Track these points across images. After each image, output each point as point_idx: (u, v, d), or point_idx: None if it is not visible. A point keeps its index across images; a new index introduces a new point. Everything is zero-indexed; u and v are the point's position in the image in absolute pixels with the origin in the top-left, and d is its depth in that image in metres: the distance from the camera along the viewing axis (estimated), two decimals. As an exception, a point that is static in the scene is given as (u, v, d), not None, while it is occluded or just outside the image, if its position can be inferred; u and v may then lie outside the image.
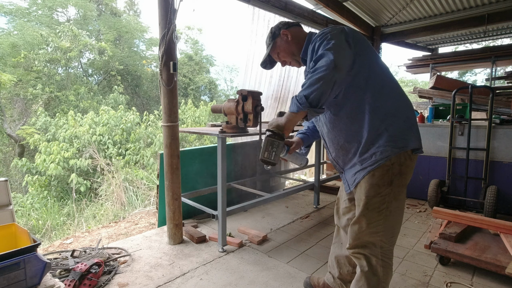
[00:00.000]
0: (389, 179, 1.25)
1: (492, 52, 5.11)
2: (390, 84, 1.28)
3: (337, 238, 1.69)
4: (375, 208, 1.27)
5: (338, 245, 1.68)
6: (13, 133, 9.12)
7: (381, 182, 1.25)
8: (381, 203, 1.27)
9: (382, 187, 1.25)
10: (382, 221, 1.28)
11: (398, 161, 1.24)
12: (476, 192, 3.28)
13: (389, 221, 1.30)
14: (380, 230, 1.30)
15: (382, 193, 1.26)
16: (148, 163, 6.61)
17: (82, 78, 11.38)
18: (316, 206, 3.50)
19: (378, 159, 1.23)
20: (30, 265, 1.43)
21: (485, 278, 1.99)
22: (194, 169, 3.07)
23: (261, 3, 3.34)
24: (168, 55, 2.27)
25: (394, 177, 1.25)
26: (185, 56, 15.06)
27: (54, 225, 4.59)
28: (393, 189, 1.26)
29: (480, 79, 16.44)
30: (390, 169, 1.24)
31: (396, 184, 1.26)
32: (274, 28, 1.50)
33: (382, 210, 1.27)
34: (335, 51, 1.11)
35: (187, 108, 9.35)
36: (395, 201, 1.28)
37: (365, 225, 1.29)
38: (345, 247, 1.58)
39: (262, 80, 3.81)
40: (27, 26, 10.06)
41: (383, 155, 1.23)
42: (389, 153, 1.23)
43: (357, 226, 1.32)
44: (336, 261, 1.66)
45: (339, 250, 1.66)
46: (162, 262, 2.19)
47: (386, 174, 1.24)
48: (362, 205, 1.29)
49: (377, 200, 1.26)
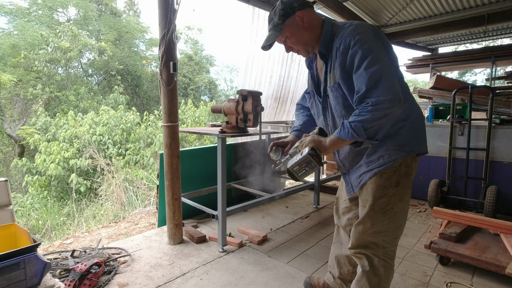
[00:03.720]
0: (396, 180, 1.24)
1: (492, 52, 5.11)
2: (405, 90, 1.25)
3: (337, 238, 1.68)
4: (380, 209, 1.26)
5: (338, 244, 1.67)
6: (13, 133, 9.12)
7: (388, 183, 1.24)
8: (386, 204, 1.26)
9: (389, 188, 1.25)
10: (386, 222, 1.28)
11: (405, 163, 1.24)
12: (476, 192, 3.28)
13: (393, 222, 1.29)
14: (384, 231, 1.29)
15: (388, 194, 1.25)
16: (148, 163, 6.61)
17: (82, 78, 11.38)
18: (316, 206, 3.50)
19: (386, 162, 1.23)
20: (30, 265, 1.43)
21: (485, 278, 1.99)
22: (194, 169, 3.07)
23: (261, 3, 3.34)
24: (168, 55, 2.27)
25: (401, 178, 1.25)
26: (185, 56, 15.07)
27: (54, 225, 4.59)
28: (399, 190, 1.26)
29: (480, 79, 16.45)
30: (397, 170, 1.24)
31: (402, 185, 1.26)
32: (286, 4, 1.23)
33: (387, 211, 1.26)
34: (390, 78, 1.07)
35: (187, 108, 9.36)
36: (400, 202, 1.27)
37: (369, 225, 1.29)
38: (345, 246, 1.58)
39: (262, 80, 3.81)
40: (27, 26, 10.07)
41: (390, 158, 1.22)
42: (396, 157, 1.22)
43: (361, 226, 1.31)
44: (336, 261, 1.66)
45: (339, 250, 1.65)
46: (162, 262, 2.19)
47: (393, 176, 1.24)
48: (368, 206, 1.28)
49: (383, 201, 1.26)
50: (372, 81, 1.07)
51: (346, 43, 1.15)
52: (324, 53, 1.26)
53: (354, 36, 1.13)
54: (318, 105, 1.40)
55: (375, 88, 1.06)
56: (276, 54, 3.86)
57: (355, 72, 1.12)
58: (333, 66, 1.23)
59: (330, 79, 1.26)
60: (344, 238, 1.62)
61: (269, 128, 2.93)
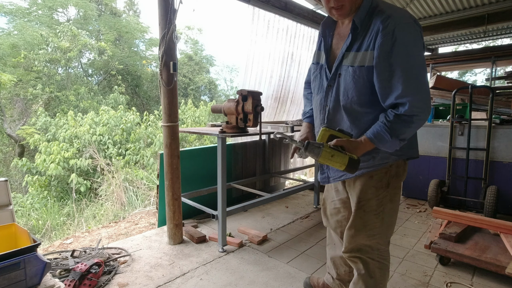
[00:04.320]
0: (387, 182, 1.22)
1: (492, 52, 5.11)
2: None
3: (330, 239, 1.65)
4: (371, 210, 1.23)
5: (331, 246, 1.64)
6: (13, 133, 9.12)
7: (379, 184, 1.21)
8: (378, 206, 1.23)
9: (379, 190, 1.22)
10: (378, 224, 1.25)
11: (396, 164, 1.23)
12: (476, 192, 3.28)
13: (385, 223, 1.26)
14: (377, 233, 1.26)
15: (380, 195, 1.22)
16: (148, 163, 6.61)
17: (82, 78, 11.39)
18: (316, 206, 3.50)
19: (377, 163, 1.20)
20: (30, 265, 1.43)
21: (485, 278, 1.99)
22: (194, 169, 3.07)
23: (261, 3, 3.34)
24: (168, 55, 2.27)
25: (391, 179, 1.22)
26: (185, 56, 15.07)
27: (54, 225, 4.59)
28: (390, 191, 1.23)
29: (480, 79, 16.44)
30: (388, 171, 1.21)
31: (392, 186, 1.23)
32: None
33: (379, 212, 1.24)
34: (427, 92, 1.07)
35: (187, 108, 9.35)
36: (390, 203, 1.25)
37: (361, 228, 1.26)
38: (338, 248, 1.56)
39: (262, 80, 3.81)
40: (27, 26, 10.06)
41: (382, 160, 1.20)
42: (388, 160, 1.20)
43: (353, 229, 1.27)
44: (333, 262, 1.64)
45: (333, 251, 1.63)
46: (162, 262, 2.19)
47: (384, 177, 1.21)
48: (358, 207, 1.25)
49: (374, 203, 1.23)
50: (419, 89, 1.04)
51: (396, 33, 1.02)
52: (357, 26, 1.12)
53: (408, 28, 1.04)
54: (323, 80, 1.27)
55: (418, 96, 1.04)
56: (276, 54, 3.86)
57: (400, 69, 1.04)
58: (364, 46, 1.10)
59: (352, 58, 1.14)
60: (336, 239, 1.59)
61: (269, 128, 2.93)
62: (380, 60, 1.06)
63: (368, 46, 1.08)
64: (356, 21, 1.11)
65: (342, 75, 1.17)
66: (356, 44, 1.13)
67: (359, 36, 1.13)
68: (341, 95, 1.18)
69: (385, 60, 1.05)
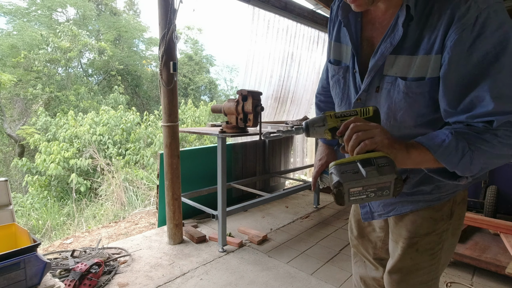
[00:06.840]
0: (450, 210, 0.87)
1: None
2: None
3: (358, 257, 1.23)
4: (427, 249, 0.88)
5: (361, 264, 1.23)
6: (13, 133, 9.12)
7: (438, 215, 0.87)
8: (436, 244, 0.88)
9: (440, 222, 0.87)
10: (435, 267, 0.90)
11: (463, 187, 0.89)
12: (476, 192, 3.28)
13: (442, 264, 0.92)
14: (433, 278, 0.91)
15: (439, 229, 0.87)
16: (148, 163, 6.61)
17: (82, 78, 11.39)
18: (316, 206, 3.50)
19: (442, 196, 0.86)
20: (30, 265, 1.43)
21: (485, 278, 1.99)
22: (194, 169, 3.07)
23: (261, 3, 3.34)
24: (168, 55, 2.27)
25: (456, 207, 0.88)
26: (185, 56, 15.07)
27: (54, 225, 4.59)
28: (453, 223, 0.89)
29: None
30: (453, 197, 0.87)
31: (457, 216, 0.89)
32: None
33: (436, 251, 0.88)
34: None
35: (187, 108, 9.36)
36: (452, 237, 0.91)
37: (410, 272, 0.91)
38: (370, 268, 1.18)
39: (262, 80, 3.81)
40: (26, 26, 10.07)
41: (449, 190, 0.85)
42: (457, 188, 0.86)
43: (399, 274, 0.92)
44: (363, 282, 1.23)
45: (363, 270, 1.22)
46: (162, 262, 2.19)
47: (447, 204, 0.87)
48: (409, 245, 0.89)
49: (430, 239, 0.87)
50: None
51: (485, 22, 0.61)
52: (412, 14, 0.68)
53: (503, 11, 0.62)
54: (350, 89, 0.86)
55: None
56: (276, 54, 3.86)
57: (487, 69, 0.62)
58: (423, 46, 0.69)
59: (402, 65, 0.72)
60: (367, 258, 1.21)
61: (269, 128, 2.93)
62: (457, 65, 0.65)
63: (432, 46, 0.68)
64: (410, 4, 0.67)
65: (383, 88, 0.77)
66: (408, 42, 0.71)
67: (417, 27, 0.70)
68: (384, 116, 0.79)
69: (464, 66, 0.65)
